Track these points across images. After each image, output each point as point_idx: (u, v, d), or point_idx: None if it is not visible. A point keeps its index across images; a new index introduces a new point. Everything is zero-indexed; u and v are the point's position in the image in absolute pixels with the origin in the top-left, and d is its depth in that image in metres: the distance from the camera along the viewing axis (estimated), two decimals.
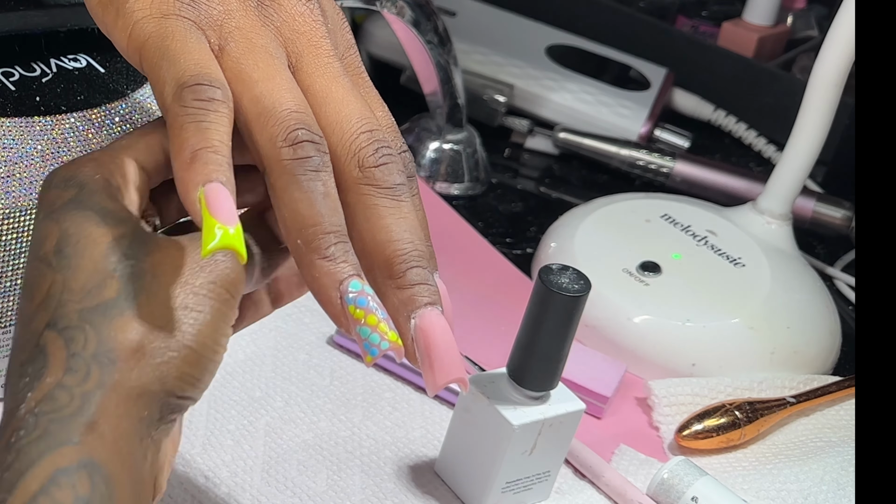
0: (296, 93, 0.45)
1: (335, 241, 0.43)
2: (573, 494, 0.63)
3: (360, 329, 0.43)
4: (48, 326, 0.41)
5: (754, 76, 1.07)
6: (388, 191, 0.45)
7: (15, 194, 0.54)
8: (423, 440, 0.64)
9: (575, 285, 0.57)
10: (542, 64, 1.03)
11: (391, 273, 0.44)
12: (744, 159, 1.04)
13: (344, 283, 0.43)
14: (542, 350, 0.58)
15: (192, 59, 0.43)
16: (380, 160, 0.45)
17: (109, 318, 0.41)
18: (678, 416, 0.69)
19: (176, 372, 0.42)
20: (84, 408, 0.40)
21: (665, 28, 1.13)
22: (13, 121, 0.56)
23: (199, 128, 0.42)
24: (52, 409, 0.40)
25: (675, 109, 1.07)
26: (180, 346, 0.42)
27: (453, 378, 0.44)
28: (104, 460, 0.40)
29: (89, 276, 0.42)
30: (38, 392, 0.40)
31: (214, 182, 0.41)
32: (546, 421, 0.59)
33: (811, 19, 1.17)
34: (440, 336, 0.44)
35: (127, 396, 0.41)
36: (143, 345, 0.41)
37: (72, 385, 0.40)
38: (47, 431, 0.39)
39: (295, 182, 0.43)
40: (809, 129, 0.77)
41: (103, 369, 0.41)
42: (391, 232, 0.44)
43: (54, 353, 0.41)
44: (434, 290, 0.45)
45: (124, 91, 0.60)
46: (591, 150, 0.96)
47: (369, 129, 0.45)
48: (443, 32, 0.85)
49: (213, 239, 0.40)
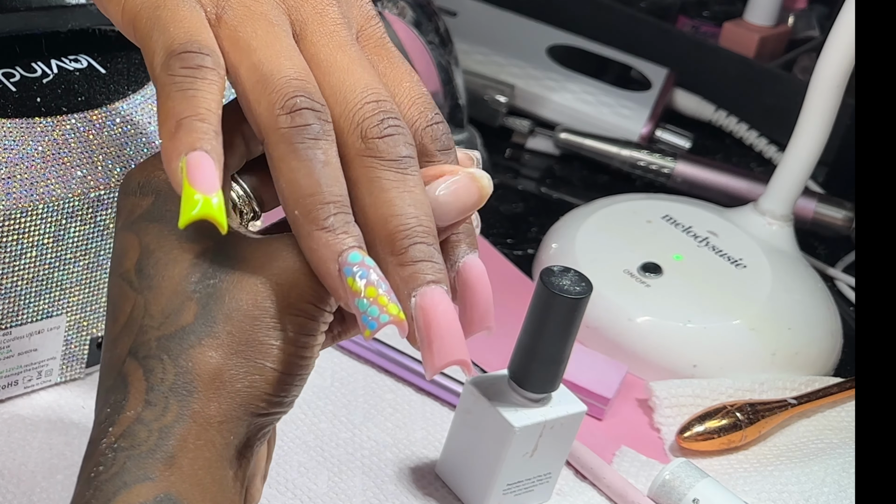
0: (296, 60, 0.42)
1: (335, 211, 0.41)
2: (574, 496, 0.63)
3: (358, 302, 0.40)
4: (130, 353, 0.41)
5: (755, 76, 1.07)
6: (393, 163, 0.42)
7: (16, 195, 0.54)
8: (425, 442, 0.64)
9: (576, 287, 0.57)
10: (543, 64, 1.02)
11: (393, 249, 0.41)
12: (745, 160, 1.04)
13: (343, 254, 0.40)
14: (544, 352, 0.58)
15: (183, 27, 0.41)
16: (384, 131, 0.42)
17: (187, 347, 0.40)
18: (679, 418, 0.69)
19: (259, 394, 0.41)
20: (161, 442, 0.39)
21: (666, 28, 1.13)
22: (14, 122, 0.56)
23: (185, 96, 0.40)
24: (130, 446, 0.39)
25: (676, 110, 1.07)
26: (262, 368, 0.41)
27: (453, 360, 0.42)
28: (182, 493, 0.39)
29: (169, 299, 0.41)
30: (118, 427, 0.40)
31: (198, 150, 0.39)
32: (547, 423, 0.59)
33: (812, 19, 1.17)
34: (441, 316, 0.41)
35: (207, 426, 0.40)
36: (222, 371, 0.40)
37: (150, 420, 0.40)
38: (124, 468, 0.39)
39: (293, 151, 0.41)
40: (811, 129, 0.77)
41: (182, 401, 0.40)
42: (394, 206, 0.41)
43: (134, 383, 0.40)
44: (439, 268, 0.42)
45: (125, 92, 0.60)
46: (592, 151, 0.96)
47: (375, 99, 0.42)
48: (444, 33, 0.85)
49: (191, 209, 0.38)
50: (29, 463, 0.57)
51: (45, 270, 0.56)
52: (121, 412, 0.40)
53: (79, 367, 0.61)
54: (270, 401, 0.41)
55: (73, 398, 0.61)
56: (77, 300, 0.59)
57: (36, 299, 0.57)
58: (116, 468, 0.39)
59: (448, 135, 0.45)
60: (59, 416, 0.60)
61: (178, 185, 0.39)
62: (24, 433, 0.58)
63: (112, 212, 0.57)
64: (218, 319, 0.40)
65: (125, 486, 0.38)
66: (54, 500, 0.55)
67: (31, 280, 0.56)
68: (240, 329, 0.41)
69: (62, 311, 0.58)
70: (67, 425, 0.59)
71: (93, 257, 0.58)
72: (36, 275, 0.56)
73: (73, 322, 0.59)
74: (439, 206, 0.43)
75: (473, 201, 0.44)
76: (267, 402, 0.41)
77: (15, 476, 0.56)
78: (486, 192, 0.44)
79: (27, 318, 0.57)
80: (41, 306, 0.57)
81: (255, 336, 0.41)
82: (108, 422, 0.40)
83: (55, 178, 0.55)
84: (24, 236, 0.55)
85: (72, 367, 0.61)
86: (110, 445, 0.39)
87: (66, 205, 0.55)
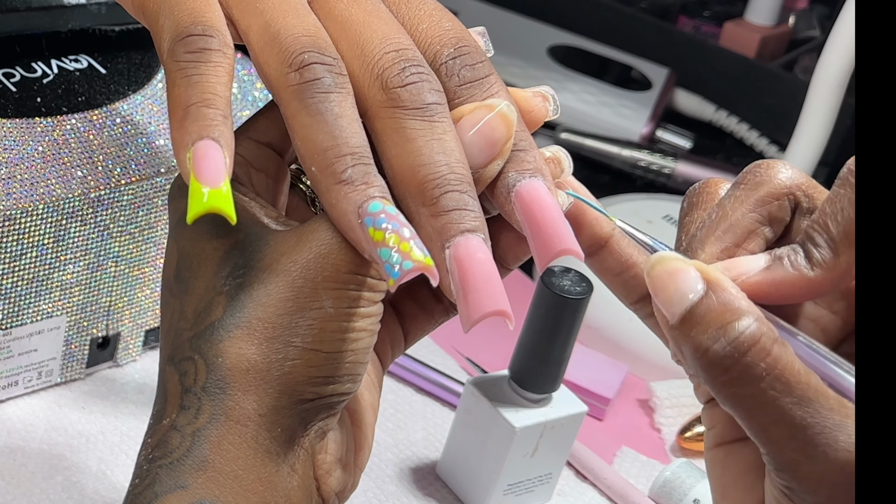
0: (305, 17, 0.41)
1: (352, 162, 0.38)
2: (575, 496, 0.63)
3: (380, 251, 0.37)
4: (168, 360, 0.40)
5: (756, 76, 1.07)
6: (418, 111, 0.39)
7: (16, 196, 0.54)
8: (425, 442, 0.64)
9: (577, 287, 0.57)
10: (544, 64, 1.02)
11: (424, 199, 0.39)
12: (745, 160, 1.03)
13: (364, 205, 0.38)
14: (544, 352, 0.58)
15: (187, 8, 0.40)
16: (407, 79, 0.39)
17: (216, 342, 0.39)
18: (680, 418, 0.69)
19: (305, 379, 0.39)
20: (195, 447, 0.38)
21: (667, 28, 1.13)
22: (14, 122, 0.56)
23: (190, 82, 0.39)
24: (163, 454, 0.38)
25: (677, 110, 1.06)
26: (299, 350, 0.39)
27: (490, 311, 0.38)
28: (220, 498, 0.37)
29: (200, 298, 0.39)
30: (155, 437, 0.39)
31: (204, 139, 0.38)
32: (548, 423, 0.59)
33: (813, 19, 1.17)
34: (477, 265, 0.38)
35: (247, 422, 0.38)
36: (256, 361, 0.38)
37: (183, 424, 0.38)
38: (157, 479, 0.38)
39: (304, 106, 0.39)
40: (811, 129, 0.77)
41: (214, 400, 0.38)
42: (422, 155, 0.39)
43: (171, 389, 0.39)
44: (474, 216, 0.39)
45: (125, 92, 0.60)
46: (592, 151, 0.96)
47: (395, 48, 0.40)
48: None
49: (198, 203, 0.37)
50: (29, 463, 0.57)
51: (45, 270, 0.56)
52: (159, 422, 0.39)
53: (79, 368, 0.61)
54: (321, 384, 0.39)
55: (73, 398, 0.61)
56: (77, 300, 0.59)
57: (36, 299, 0.57)
58: (150, 479, 0.38)
59: (471, 66, 0.42)
60: (59, 417, 0.59)
61: (185, 176, 0.38)
62: (24, 433, 0.58)
63: (112, 212, 0.57)
64: (247, 308, 0.39)
65: (156, 497, 0.37)
66: (54, 500, 0.55)
67: (31, 280, 0.56)
68: (271, 314, 0.39)
69: (62, 312, 0.58)
70: (67, 425, 0.59)
71: (93, 257, 0.58)
72: (36, 275, 0.56)
73: (73, 322, 0.59)
74: (469, 149, 0.40)
75: (502, 133, 0.40)
76: (316, 385, 0.39)
77: (15, 476, 0.56)
78: (510, 117, 0.41)
79: (27, 318, 0.57)
80: (41, 306, 0.57)
81: (288, 318, 0.39)
82: (148, 433, 0.39)
83: (55, 178, 0.55)
84: (24, 236, 0.55)
85: (72, 368, 0.61)
86: (147, 457, 0.38)
87: (66, 205, 0.55)
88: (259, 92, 0.63)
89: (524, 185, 0.40)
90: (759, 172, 0.40)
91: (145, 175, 0.58)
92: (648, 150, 0.96)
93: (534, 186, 0.40)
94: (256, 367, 0.38)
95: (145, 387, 0.63)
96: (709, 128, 1.07)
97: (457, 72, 0.42)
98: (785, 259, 0.38)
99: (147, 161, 0.58)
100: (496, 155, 0.40)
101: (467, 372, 0.70)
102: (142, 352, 0.64)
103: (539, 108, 0.43)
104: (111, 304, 0.60)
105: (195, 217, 0.37)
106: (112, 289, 0.60)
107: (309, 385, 0.39)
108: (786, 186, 0.39)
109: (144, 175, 0.58)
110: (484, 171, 0.40)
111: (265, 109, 0.43)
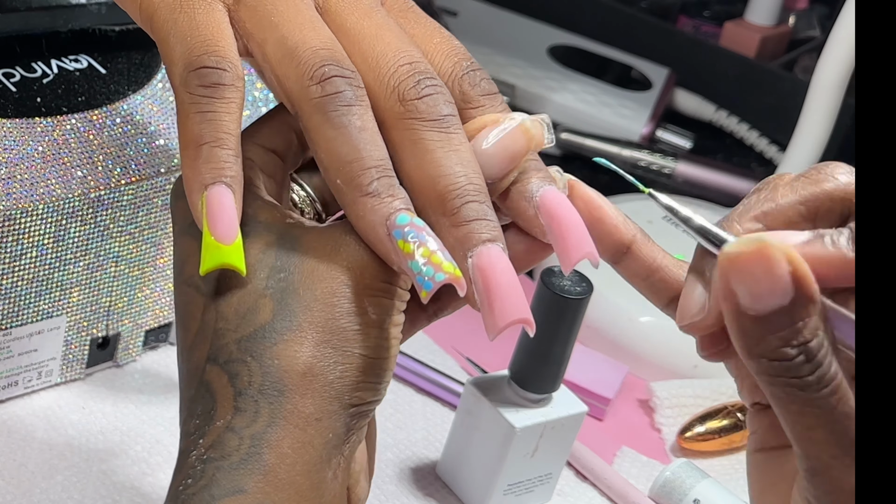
0: (321, 30, 0.41)
1: (377, 175, 0.39)
2: (575, 496, 0.63)
3: (412, 264, 0.38)
4: (209, 360, 0.39)
5: (756, 76, 1.07)
6: (435, 123, 0.40)
7: (16, 196, 0.54)
8: (425, 442, 0.64)
9: (577, 288, 0.57)
10: (544, 64, 1.02)
11: (444, 210, 0.40)
12: (746, 160, 1.04)
13: (391, 217, 0.39)
14: (544, 352, 0.58)
15: (199, 35, 0.41)
16: (422, 91, 0.40)
17: (270, 346, 0.39)
18: (680, 418, 0.69)
19: (353, 384, 0.39)
20: (254, 450, 0.37)
21: (667, 28, 1.13)
22: (14, 122, 0.56)
23: (205, 118, 0.40)
24: (220, 456, 0.37)
25: (677, 110, 1.06)
26: (351, 356, 0.39)
27: (515, 319, 0.39)
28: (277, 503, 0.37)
29: (241, 298, 0.39)
30: (209, 437, 0.38)
31: (217, 184, 0.39)
32: (548, 423, 0.59)
33: (813, 19, 1.17)
34: (500, 274, 0.39)
35: (305, 426, 0.38)
36: (312, 365, 0.39)
37: (241, 427, 0.38)
38: (213, 480, 0.37)
39: (327, 119, 0.39)
40: (811, 129, 0.77)
41: (273, 403, 0.38)
42: (441, 166, 0.40)
43: (220, 391, 0.39)
44: (493, 226, 0.40)
45: (125, 92, 0.60)
46: (592, 151, 0.96)
47: (408, 61, 0.41)
48: None
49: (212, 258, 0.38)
50: (29, 463, 0.57)
51: (45, 270, 0.56)
52: (211, 422, 0.38)
53: (79, 368, 0.61)
54: (365, 389, 0.40)
55: (73, 398, 0.61)
56: (77, 300, 0.59)
57: (36, 299, 0.57)
58: (205, 481, 0.37)
59: (488, 80, 0.43)
60: (59, 417, 0.59)
61: (198, 220, 0.39)
62: (24, 433, 0.58)
63: (112, 212, 0.57)
64: (297, 312, 0.39)
65: (213, 499, 0.37)
66: (54, 500, 0.55)
67: (31, 280, 0.56)
68: (321, 318, 0.39)
69: (62, 312, 0.58)
70: (67, 426, 0.59)
71: (93, 257, 0.58)
72: (36, 275, 0.56)
73: (73, 322, 0.59)
74: (487, 160, 0.41)
75: (521, 146, 0.42)
76: (361, 391, 0.40)
77: (15, 476, 0.56)
78: (532, 134, 0.42)
79: (27, 318, 0.57)
80: (41, 306, 0.57)
81: (338, 323, 0.39)
82: (199, 433, 0.38)
83: (55, 178, 0.55)
84: (24, 236, 0.55)
85: (72, 368, 0.61)
86: (200, 457, 0.38)
87: (66, 205, 0.55)
88: (259, 92, 0.63)
89: (547, 191, 0.42)
90: (825, 171, 0.40)
91: (145, 175, 0.58)
92: (648, 150, 0.96)
93: (556, 193, 0.42)
94: (312, 370, 0.39)
95: (145, 387, 0.62)
96: (709, 128, 1.07)
97: (478, 82, 0.43)
98: (827, 237, 0.37)
99: (147, 161, 0.58)
100: (511, 168, 0.42)
101: (467, 372, 0.70)
102: (142, 352, 0.64)
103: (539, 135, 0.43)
104: (111, 304, 0.60)
105: (207, 272, 0.38)
106: (112, 289, 0.60)
107: (356, 390, 0.39)
108: (843, 191, 0.39)
109: (144, 175, 0.58)
110: (500, 182, 0.42)
111: (267, 118, 0.44)
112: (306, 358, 0.39)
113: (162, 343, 0.65)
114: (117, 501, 0.56)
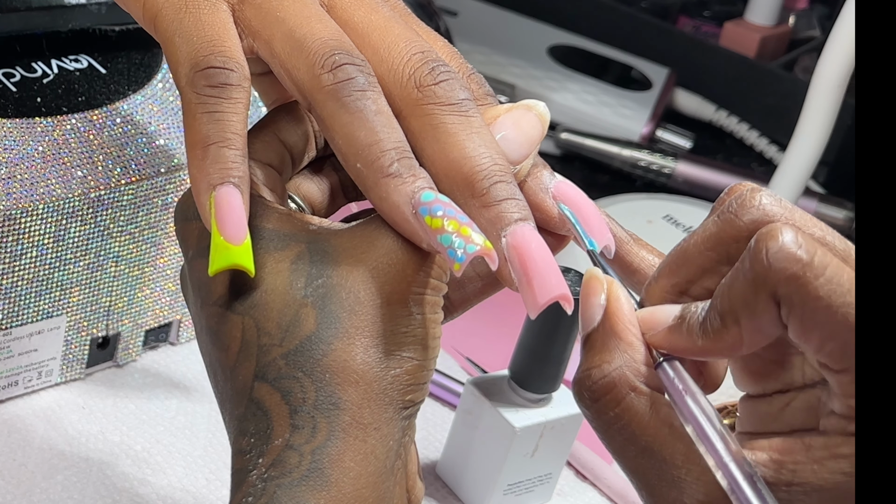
0: (328, 23, 0.41)
1: (397, 156, 0.39)
2: (575, 496, 0.63)
3: (441, 238, 0.38)
4: (257, 378, 0.38)
5: (756, 76, 1.07)
6: (454, 107, 0.40)
7: (16, 195, 0.54)
8: (425, 442, 0.64)
9: (577, 287, 0.56)
10: (544, 64, 1.02)
11: (473, 191, 0.39)
12: (745, 160, 1.04)
13: (416, 195, 0.38)
14: (545, 352, 0.58)
15: (206, 35, 0.41)
16: (438, 77, 0.41)
17: (319, 357, 0.38)
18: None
19: (404, 387, 0.39)
20: (315, 466, 0.37)
21: (667, 28, 1.13)
22: (14, 122, 0.56)
23: (212, 118, 0.40)
24: (280, 474, 0.37)
25: (677, 110, 1.06)
26: (400, 359, 0.39)
27: (556, 295, 0.39)
28: None
29: (281, 311, 0.38)
30: (268, 456, 0.37)
31: (225, 185, 0.39)
32: (548, 423, 0.59)
33: (813, 19, 1.17)
34: (536, 252, 0.39)
35: (365, 436, 0.38)
36: (364, 372, 0.38)
37: (300, 444, 0.37)
38: (274, 498, 0.36)
39: (342, 105, 0.39)
40: (811, 129, 0.77)
41: (329, 417, 0.37)
42: (465, 148, 0.40)
43: (274, 409, 0.38)
44: (523, 205, 0.40)
45: (125, 92, 0.60)
46: (592, 151, 0.96)
47: (420, 50, 0.41)
48: (444, 33, 0.85)
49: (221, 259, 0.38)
50: (29, 463, 0.57)
51: (45, 270, 0.56)
52: (268, 441, 0.37)
53: (79, 368, 0.61)
54: (415, 391, 0.39)
55: (73, 398, 0.61)
56: (77, 300, 0.59)
57: (36, 299, 0.57)
58: (266, 499, 0.36)
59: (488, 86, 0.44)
60: (59, 417, 0.59)
61: (206, 221, 0.39)
62: (24, 433, 0.58)
63: (112, 211, 0.57)
64: (342, 317, 0.38)
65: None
66: (54, 500, 0.55)
67: (31, 280, 0.56)
68: (367, 322, 0.38)
69: (62, 312, 0.58)
70: (67, 426, 0.59)
71: (93, 257, 0.58)
72: (36, 275, 0.56)
73: (73, 322, 0.59)
74: (507, 144, 0.41)
75: (539, 131, 0.42)
76: (412, 392, 0.39)
77: (15, 476, 0.56)
78: (546, 118, 0.43)
79: (27, 318, 0.57)
80: (41, 306, 0.57)
81: (385, 326, 0.38)
82: (256, 451, 0.38)
83: (55, 178, 0.55)
84: (24, 236, 0.55)
85: (72, 368, 0.61)
86: (260, 476, 0.37)
87: (66, 205, 0.55)
88: None
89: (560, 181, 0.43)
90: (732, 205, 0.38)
91: (145, 175, 0.58)
92: (648, 150, 0.96)
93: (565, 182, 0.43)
94: (364, 378, 0.38)
95: (145, 387, 0.63)
96: (709, 128, 1.07)
97: (483, 83, 0.44)
98: (687, 320, 0.38)
99: (147, 161, 0.58)
100: (530, 153, 0.42)
101: (467, 372, 0.70)
102: (142, 352, 0.64)
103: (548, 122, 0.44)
104: (111, 304, 0.60)
105: (217, 272, 0.38)
106: (112, 289, 0.60)
107: (407, 393, 0.39)
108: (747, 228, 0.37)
109: (144, 175, 0.58)
110: (518, 168, 0.42)
111: (256, 134, 0.43)
112: (356, 365, 0.38)
113: (162, 343, 0.65)
114: (117, 501, 0.56)
